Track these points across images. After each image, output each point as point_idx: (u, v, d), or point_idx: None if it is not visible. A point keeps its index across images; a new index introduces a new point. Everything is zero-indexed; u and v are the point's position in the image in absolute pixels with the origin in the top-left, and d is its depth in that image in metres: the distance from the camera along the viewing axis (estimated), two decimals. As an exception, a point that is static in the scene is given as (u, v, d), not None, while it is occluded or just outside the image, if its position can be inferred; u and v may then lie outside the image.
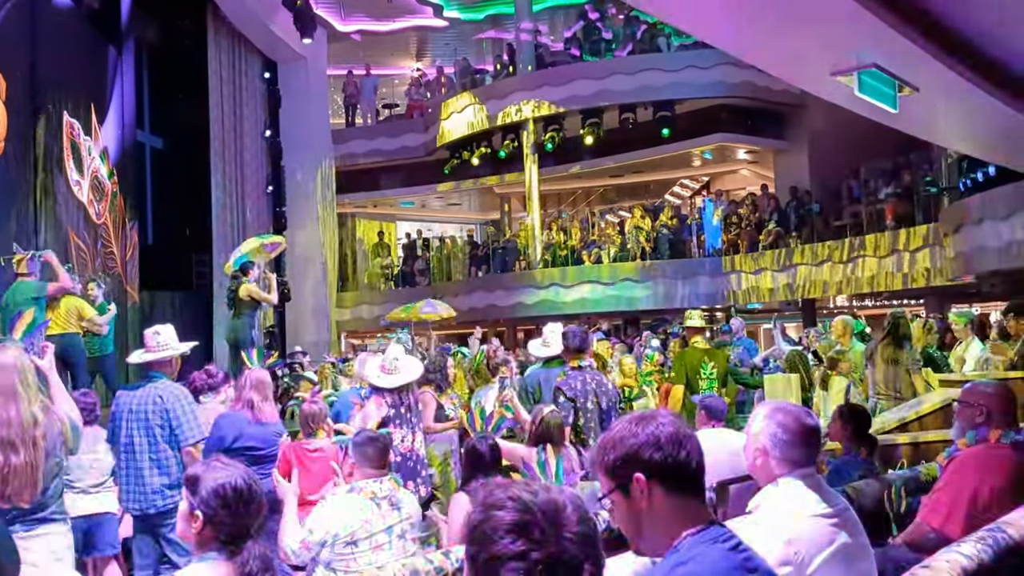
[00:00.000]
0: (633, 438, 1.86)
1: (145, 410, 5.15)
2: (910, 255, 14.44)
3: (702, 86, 18.14)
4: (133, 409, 5.17)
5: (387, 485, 3.61)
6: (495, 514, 1.35)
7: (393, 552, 3.55)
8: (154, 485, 5.10)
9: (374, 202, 24.55)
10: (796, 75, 3.76)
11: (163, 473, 5.11)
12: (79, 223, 12.39)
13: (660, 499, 1.83)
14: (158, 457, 5.11)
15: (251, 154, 16.60)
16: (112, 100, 13.82)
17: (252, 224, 16.40)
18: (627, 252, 18.93)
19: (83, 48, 13.05)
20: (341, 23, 21.14)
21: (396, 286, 22.28)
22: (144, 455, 5.12)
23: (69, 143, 12.19)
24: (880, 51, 2.89)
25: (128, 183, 14.18)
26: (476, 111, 20.10)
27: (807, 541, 2.48)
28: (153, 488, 5.10)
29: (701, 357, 7.58)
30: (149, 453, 5.11)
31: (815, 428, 2.74)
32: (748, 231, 18.16)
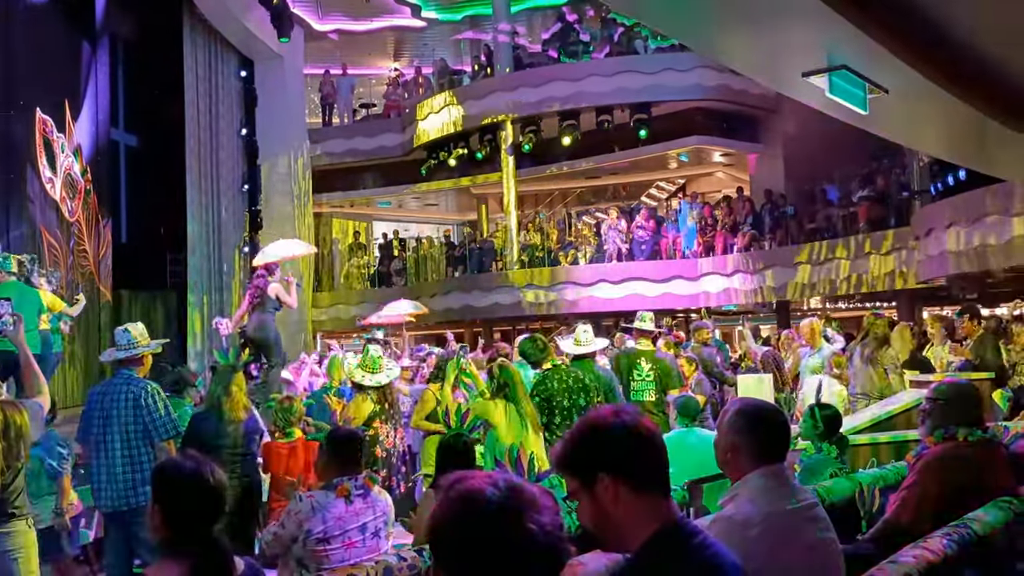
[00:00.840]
0: (597, 435, 1.85)
1: (116, 407, 5.11)
2: (882, 258, 14.59)
3: (679, 89, 18.23)
4: (105, 406, 5.14)
5: (361, 483, 3.60)
6: (459, 507, 1.36)
7: (366, 549, 3.54)
8: (127, 482, 5.07)
9: (351, 202, 24.46)
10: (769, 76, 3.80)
11: (136, 469, 5.08)
12: (52, 221, 12.26)
13: (626, 497, 1.82)
14: (131, 453, 5.08)
15: (227, 153, 16.49)
16: (86, 97, 13.69)
17: (227, 223, 16.29)
18: (603, 253, 19.00)
19: (57, 44, 12.92)
20: (318, 22, 21.07)
21: (372, 286, 22.21)
22: (116, 452, 5.09)
23: (42, 140, 12.06)
24: (849, 52, 2.93)
25: (102, 181, 14.05)
26: (453, 111, 20.10)
27: (774, 536, 2.50)
28: (126, 485, 5.07)
29: (637, 359, 7.60)
30: (121, 450, 5.08)
31: (784, 425, 2.77)
32: (723, 233, 18.28)
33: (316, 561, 3.44)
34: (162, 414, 5.16)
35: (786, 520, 2.55)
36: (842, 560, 2.73)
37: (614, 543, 1.89)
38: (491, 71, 20.69)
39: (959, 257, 11.00)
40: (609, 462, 1.83)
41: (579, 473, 1.85)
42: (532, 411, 5.41)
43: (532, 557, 1.32)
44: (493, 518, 1.34)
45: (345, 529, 3.50)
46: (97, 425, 5.17)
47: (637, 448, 1.84)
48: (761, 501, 2.58)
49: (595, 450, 1.84)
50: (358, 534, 3.54)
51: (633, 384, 7.45)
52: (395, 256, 22.73)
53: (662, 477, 1.88)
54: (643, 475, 1.84)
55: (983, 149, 5.03)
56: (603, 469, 1.82)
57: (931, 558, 2.72)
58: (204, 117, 15.85)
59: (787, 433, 2.81)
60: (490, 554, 1.32)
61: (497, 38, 20.52)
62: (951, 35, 3.03)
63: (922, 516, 3.36)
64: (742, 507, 2.58)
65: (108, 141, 14.59)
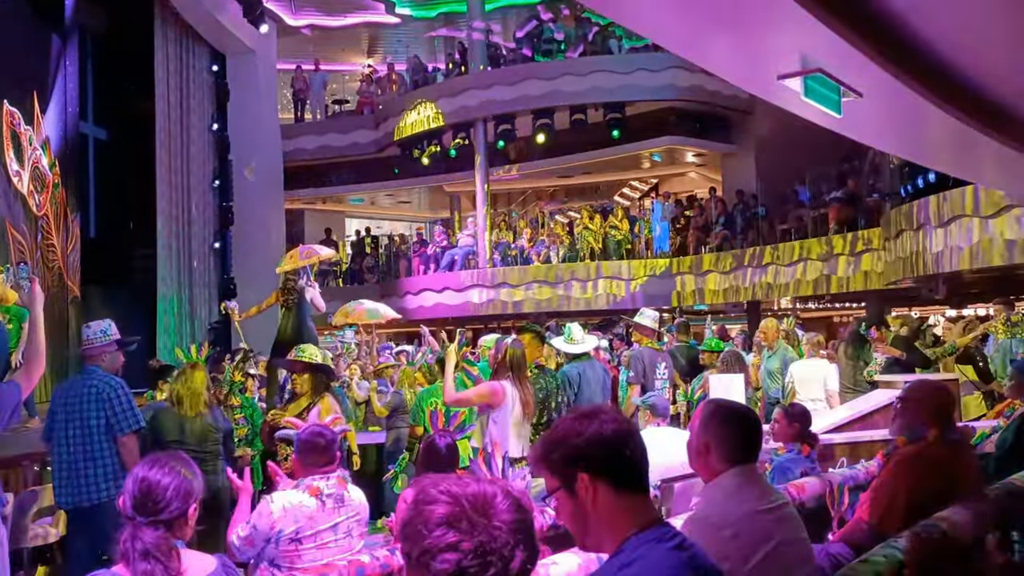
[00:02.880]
0: (577, 436, 1.85)
1: (79, 402, 5.05)
2: (852, 259, 14.75)
3: (652, 89, 18.32)
4: (68, 402, 5.07)
5: (333, 482, 3.58)
6: (425, 508, 1.36)
7: (339, 549, 3.52)
8: (88, 478, 5.00)
9: (323, 199, 24.33)
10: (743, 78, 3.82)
11: (97, 465, 5.01)
12: (18, 214, 12.07)
13: (605, 497, 1.82)
14: (91, 448, 5.00)
15: (197, 148, 16.30)
16: (55, 89, 13.48)
17: (197, 219, 16.12)
18: (576, 252, 19.05)
19: (25, 36, 12.71)
20: (292, 17, 20.94)
21: (344, 283, 22.11)
22: (78, 447, 5.01)
23: (9, 132, 11.86)
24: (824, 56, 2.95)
25: (70, 175, 13.84)
26: (427, 109, 20.06)
27: (748, 536, 2.52)
28: (87, 480, 5.00)
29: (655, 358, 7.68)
30: (84, 445, 5.01)
31: (755, 424, 2.79)
32: (695, 233, 18.39)
33: (288, 561, 3.41)
34: (123, 408, 5.10)
35: (759, 520, 2.57)
36: (814, 560, 2.75)
37: (593, 543, 1.89)
38: (465, 69, 20.67)
39: (928, 258, 11.14)
40: (588, 461, 1.82)
41: (558, 472, 1.85)
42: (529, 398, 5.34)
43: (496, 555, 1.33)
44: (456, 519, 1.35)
45: (317, 529, 3.47)
46: (59, 422, 5.10)
47: (616, 448, 1.84)
48: (734, 501, 2.59)
49: (574, 449, 1.83)
50: (331, 534, 3.51)
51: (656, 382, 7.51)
52: (367, 253, 22.65)
53: (641, 477, 1.88)
54: (622, 475, 1.84)
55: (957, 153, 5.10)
56: (582, 468, 1.82)
57: (901, 557, 2.74)
58: (175, 111, 15.66)
59: (759, 433, 2.83)
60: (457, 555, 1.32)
61: (472, 36, 20.50)
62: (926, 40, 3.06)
63: (892, 516, 3.39)
64: (715, 507, 2.60)
65: (77, 134, 14.37)
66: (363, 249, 22.85)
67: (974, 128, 3.81)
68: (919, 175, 11.47)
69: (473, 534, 1.33)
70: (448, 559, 1.31)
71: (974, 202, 10.12)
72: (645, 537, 1.82)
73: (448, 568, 1.31)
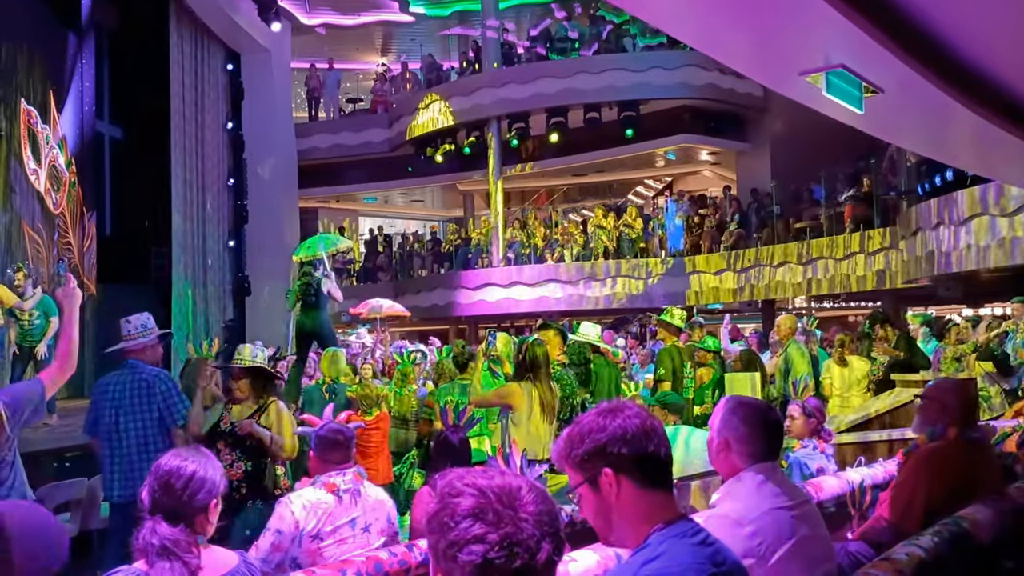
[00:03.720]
0: (601, 432, 1.84)
1: (130, 396, 5.09)
2: (868, 258, 14.67)
3: (667, 87, 18.28)
4: (115, 396, 5.10)
5: (350, 478, 3.58)
6: (452, 501, 1.36)
7: (357, 545, 3.52)
8: (143, 471, 5.02)
9: (336, 197, 24.40)
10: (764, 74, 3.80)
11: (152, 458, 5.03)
12: (36, 213, 12.15)
13: (629, 493, 1.82)
14: (146, 442, 5.04)
15: (212, 147, 16.36)
16: (71, 89, 13.57)
17: (212, 217, 16.18)
18: (589, 251, 19.02)
19: (43, 35, 12.79)
20: (306, 16, 20.98)
21: (358, 282, 22.16)
22: (131, 441, 5.05)
23: (26, 131, 11.94)
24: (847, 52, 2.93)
25: (86, 173, 13.93)
26: (441, 107, 20.06)
27: (769, 534, 2.50)
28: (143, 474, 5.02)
29: (683, 356, 7.67)
30: (137, 439, 5.05)
31: (776, 422, 2.78)
32: (710, 232, 18.33)
33: (310, 558, 3.41)
34: (175, 400, 5.16)
35: (780, 517, 2.55)
36: (834, 558, 2.73)
37: (617, 539, 1.88)
38: (479, 67, 20.67)
39: (945, 257, 11.07)
40: (611, 457, 1.82)
41: (581, 468, 1.84)
42: (551, 399, 5.32)
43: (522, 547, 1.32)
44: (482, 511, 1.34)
45: (336, 525, 3.47)
46: (108, 416, 5.13)
47: (640, 443, 1.83)
48: (754, 499, 2.58)
49: (597, 445, 1.83)
50: (348, 530, 3.51)
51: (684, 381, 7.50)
52: (380, 252, 22.69)
53: (665, 473, 1.87)
54: (646, 471, 1.84)
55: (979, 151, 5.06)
56: (606, 464, 1.81)
57: (922, 555, 2.72)
58: (190, 110, 15.71)
59: (780, 430, 2.82)
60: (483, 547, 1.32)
61: (485, 34, 20.50)
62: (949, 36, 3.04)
63: (912, 514, 3.37)
64: (735, 505, 2.58)
65: (93, 133, 14.46)
66: (376, 248, 22.89)
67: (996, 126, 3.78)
68: (937, 173, 11.39)
69: (499, 526, 1.33)
70: (475, 551, 1.31)
71: (994, 200, 10.06)
72: (669, 532, 1.81)
73: (475, 560, 1.31)
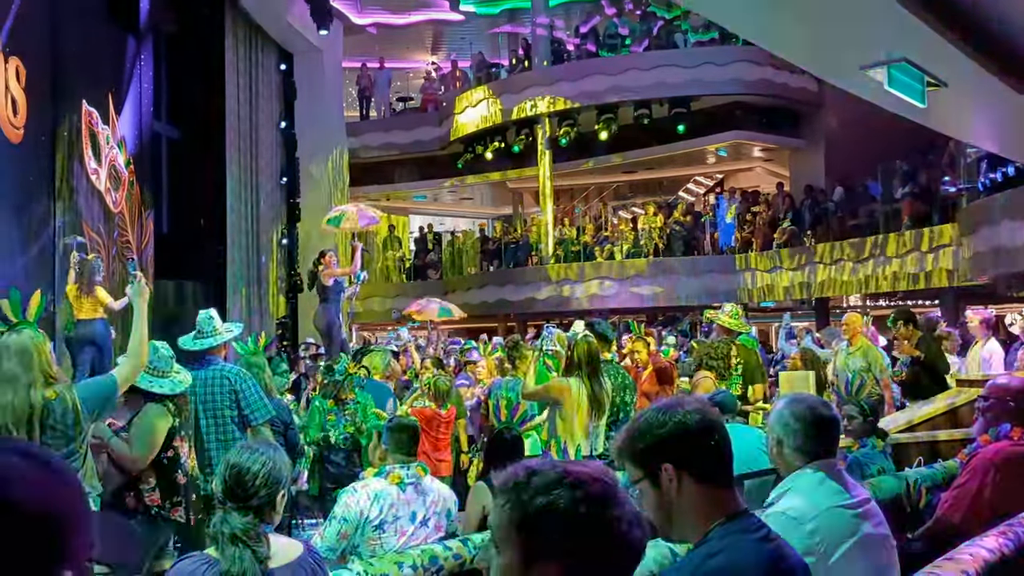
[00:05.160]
0: (661, 427, 1.84)
1: (212, 392, 5.18)
2: (926, 255, 14.39)
3: (719, 83, 18.11)
4: (198, 391, 5.19)
5: (413, 471, 3.64)
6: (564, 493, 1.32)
7: (415, 538, 3.57)
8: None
9: (387, 195, 24.58)
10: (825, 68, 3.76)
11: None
12: (96, 211, 12.44)
13: (689, 488, 1.81)
14: (226, 439, 5.13)
15: (265, 145, 16.60)
16: (130, 90, 13.86)
17: (266, 215, 16.42)
18: (640, 248, 18.93)
19: (103, 37, 13.07)
20: (357, 16, 21.17)
21: (408, 279, 22.33)
22: (212, 438, 5.15)
23: (87, 131, 12.22)
24: (910, 45, 2.89)
25: (144, 172, 14.21)
26: (490, 105, 20.11)
27: (829, 531, 2.48)
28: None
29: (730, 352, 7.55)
30: (218, 436, 5.14)
31: (833, 419, 2.75)
32: (762, 229, 18.13)
33: (370, 548, 3.47)
34: (257, 398, 5.25)
35: (840, 516, 2.53)
36: (896, 557, 2.70)
37: (677, 534, 1.88)
38: (529, 65, 20.67)
39: (1008, 254, 10.81)
40: (672, 452, 1.82)
41: (642, 463, 1.84)
42: (601, 394, 5.31)
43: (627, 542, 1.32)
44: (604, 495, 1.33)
45: (397, 517, 3.53)
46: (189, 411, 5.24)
47: (700, 438, 1.84)
48: (814, 496, 2.56)
49: (658, 440, 1.83)
50: (408, 523, 3.57)
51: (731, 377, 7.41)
52: (430, 250, 22.83)
53: (725, 468, 1.87)
54: (706, 466, 1.84)
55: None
56: (666, 459, 1.82)
57: (987, 556, 2.68)
58: (244, 110, 15.96)
59: (837, 428, 2.80)
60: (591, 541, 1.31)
61: (535, 31, 20.50)
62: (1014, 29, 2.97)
63: (974, 515, 3.32)
64: (795, 502, 2.57)
65: (151, 133, 14.74)
66: (426, 246, 23.04)
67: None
68: (999, 167, 11.13)
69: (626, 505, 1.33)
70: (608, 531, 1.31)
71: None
72: (731, 527, 1.81)
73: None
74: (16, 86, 10.52)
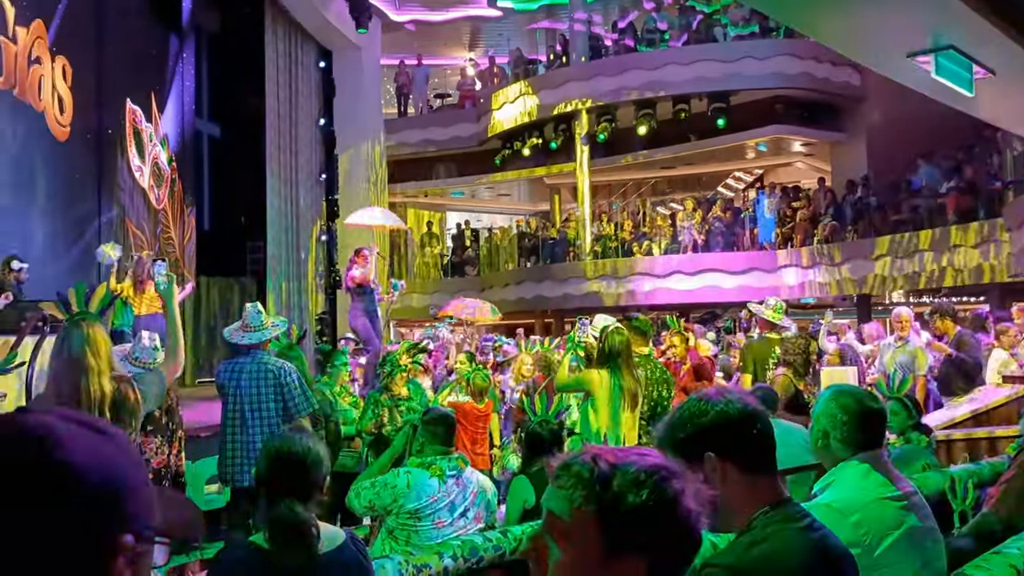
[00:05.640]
0: (702, 416, 1.84)
1: (257, 384, 5.26)
2: (971, 250, 14.14)
3: (758, 77, 17.91)
4: (243, 383, 5.27)
5: (454, 463, 3.66)
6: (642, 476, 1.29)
7: (454, 529, 3.59)
8: None
9: (424, 192, 24.67)
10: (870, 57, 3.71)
11: None
12: (140, 208, 12.65)
13: (733, 477, 1.81)
14: (269, 431, 5.19)
15: (305, 142, 16.74)
16: (172, 88, 14.08)
17: (305, 212, 16.58)
18: (678, 244, 18.82)
19: (147, 36, 13.30)
20: (395, 13, 21.25)
21: (445, 276, 22.40)
22: (255, 430, 5.22)
23: (131, 129, 12.43)
24: (957, 32, 2.84)
25: (186, 170, 14.43)
26: (528, 101, 20.10)
27: (875, 523, 2.46)
28: None
29: (771, 348, 7.49)
30: (261, 427, 5.20)
31: (879, 411, 2.72)
32: (803, 224, 17.93)
33: (406, 533, 3.51)
34: (300, 392, 5.32)
35: (886, 507, 2.50)
36: (943, 550, 2.66)
37: (722, 523, 1.88)
38: (566, 60, 20.63)
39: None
40: (715, 441, 1.82)
41: (686, 453, 1.84)
42: (633, 386, 5.30)
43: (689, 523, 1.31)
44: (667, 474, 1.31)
45: (436, 508, 3.56)
46: (231, 404, 5.30)
47: (742, 428, 1.83)
48: (859, 489, 2.54)
49: (702, 430, 1.83)
50: (447, 514, 3.60)
51: (768, 372, 7.37)
52: (467, 246, 22.88)
53: (769, 458, 1.87)
54: (750, 456, 1.84)
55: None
56: (710, 449, 1.81)
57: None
58: (284, 107, 16.10)
59: (883, 420, 2.77)
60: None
61: (573, 27, 20.45)
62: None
63: (1021, 510, 3.26)
64: (840, 494, 2.54)
65: (193, 131, 14.99)
66: (464, 242, 23.09)
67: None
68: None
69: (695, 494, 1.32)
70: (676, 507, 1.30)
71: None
72: (774, 516, 1.80)
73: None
74: (63, 85, 10.73)
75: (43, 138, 10.36)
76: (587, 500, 1.28)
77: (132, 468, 0.91)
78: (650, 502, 1.26)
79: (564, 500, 1.31)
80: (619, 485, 1.27)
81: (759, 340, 7.75)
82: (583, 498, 1.29)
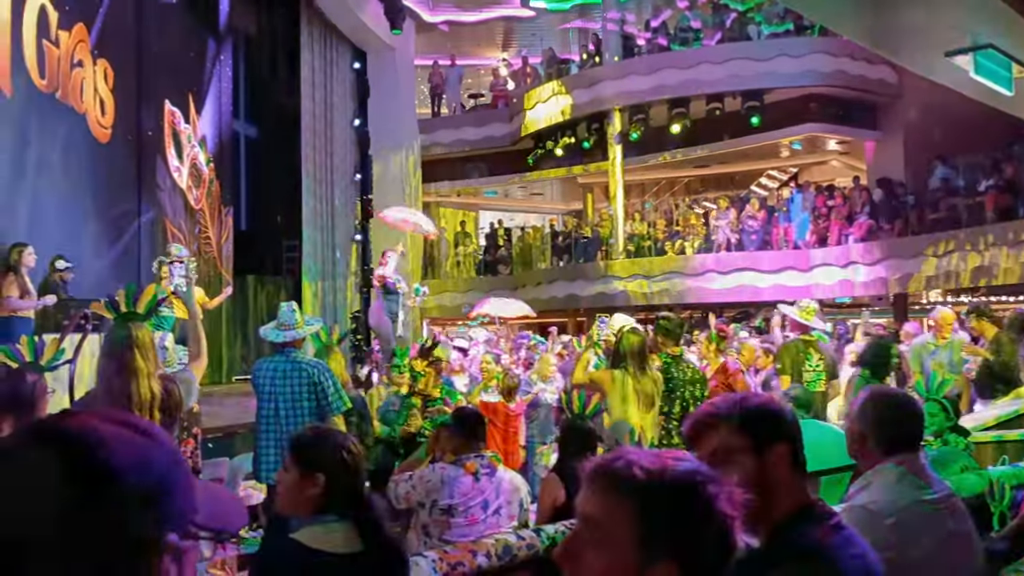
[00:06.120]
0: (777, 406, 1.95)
1: (290, 383, 5.33)
2: (1010, 250, 13.93)
3: (793, 75, 17.77)
4: (275, 384, 5.34)
5: (487, 461, 3.70)
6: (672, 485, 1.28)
7: (487, 526, 3.63)
8: None
9: (458, 191, 24.77)
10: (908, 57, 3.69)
11: None
12: (178, 208, 12.83)
13: (788, 469, 1.86)
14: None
15: (340, 143, 16.89)
16: (210, 90, 14.26)
17: (340, 212, 16.73)
18: (711, 243, 18.72)
19: (185, 38, 13.49)
20: (429, 13, 21.34)
21: (478, 275, 22.47)
22: (289, 428, 5.26)
23: (170, 131, 12.61)
24: (997, 31, 2.82)
25: (224, 170, 14.61)
26: (561, 101, 20.10)
27: (911, 526, 2.45)
28: None
29: (807, 349, 7.47)
30: (295, 426, 5.26)
31: (917, 413, 2.71)
32: (838, 223, 17.75)
33: (439, 529, 3.56)
34: (334, 390, 5.39)
35: (922, 511, 2.49)
36: (979, 554, 2.65)
37: (762, 509, 1.87)
38: (599, 60, 20.60)
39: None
40: (789, 433, 1.87)
41: (757, 434, 1.85)
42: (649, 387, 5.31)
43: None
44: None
45: (469, 505, 3.60)
46: (266, 402, 5.38)
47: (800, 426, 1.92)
48: (895, 491, 2.52)
49: (779, 416, 1.89)
50: (480, 511, 3.63)
51: (805, 375, 7.35)
52: (500, 245, 22.92)
53: (801, 458, 1.91)
54: (801, 452, 1.90)
55: None
56: (783, 438, 1.86)
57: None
58: (319, 108, 16.26)
59: (921, 422, 2.75)
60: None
61: (606, 26, 20.41)
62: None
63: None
64: (875, 496, 2.54)
65: (230, 132, 15.17)
66: (496, 241, 23.14)
67: None
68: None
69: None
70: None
71: None
72: (809, 511, 1.85)
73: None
74: (104, 87, 10.91)
75: (85, 140, 10.54)
76: (621, 505, 1.26)
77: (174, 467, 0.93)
78: (685, 507, 1.25)
79: (597, 505, 1.29)
80: (654, 490, 1.25)
81: (793, 342, 7.72)
82: (617, 503, 1.27)
